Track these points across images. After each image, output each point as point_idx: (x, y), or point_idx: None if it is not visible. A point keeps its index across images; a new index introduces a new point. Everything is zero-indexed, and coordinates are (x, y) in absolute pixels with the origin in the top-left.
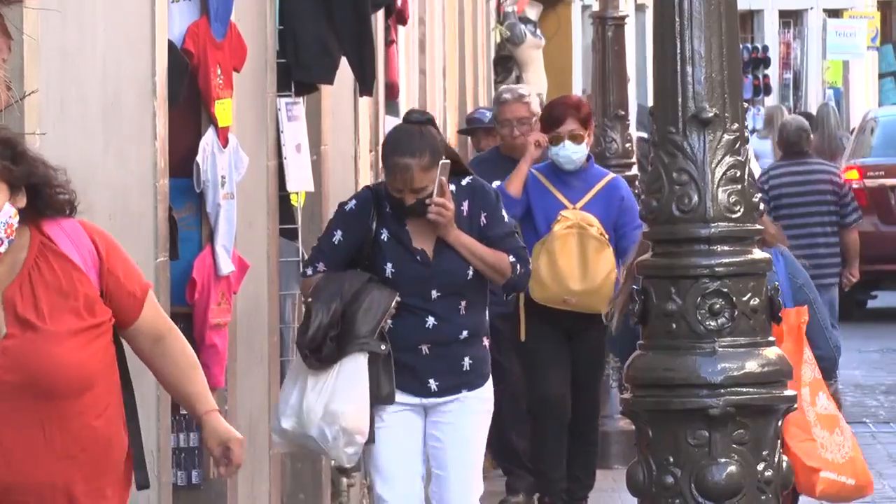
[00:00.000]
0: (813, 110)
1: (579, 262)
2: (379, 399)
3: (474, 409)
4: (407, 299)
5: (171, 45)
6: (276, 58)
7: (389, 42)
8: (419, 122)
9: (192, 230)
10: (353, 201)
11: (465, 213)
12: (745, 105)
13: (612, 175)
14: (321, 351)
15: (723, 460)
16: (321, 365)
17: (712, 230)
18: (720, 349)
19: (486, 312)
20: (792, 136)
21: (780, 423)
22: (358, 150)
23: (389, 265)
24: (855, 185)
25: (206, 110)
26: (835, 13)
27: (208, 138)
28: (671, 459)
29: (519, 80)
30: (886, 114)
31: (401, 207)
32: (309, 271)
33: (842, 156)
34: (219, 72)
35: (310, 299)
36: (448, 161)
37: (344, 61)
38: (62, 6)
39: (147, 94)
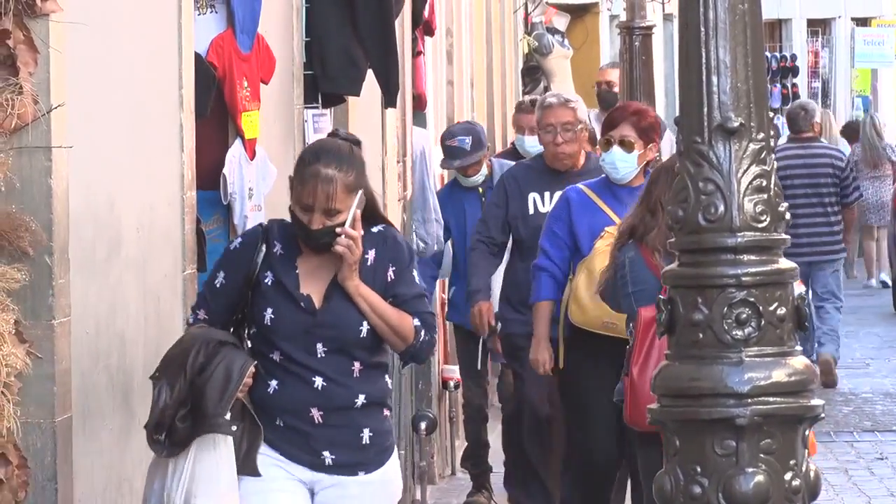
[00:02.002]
0: (841, 119)
1: None
2: (247, 471)
3: (374, 497)
4: (291, 352)
5: (197, 57)
6: (303, 70)
7: (417, 53)
8: (348, 140)
9: (220, 242)
10: (240, 239)
11: (369, 263)
12: (772, 114)
13: None
14: (172, 434)
15: (750, 470)
16: (174, 450)
17: (738, 240)
18: (747, 359)
19: (388, 379)
20: (791, 114)
21: (807, 432)
22: (385, 162)
23: (269, 311)
24: None
25: (232, 122)
26: (863, 22)
27: (235, 150)
28: (698, 469)
29: (546, 90)
30: None
31: (304, 232)
32: (190, 319)
33: (884, 164)
34: (245, 84)
35: (156, 373)
36: (365, 198)
37: (370, 73)
38: (89, 20)
39: (174, 107)
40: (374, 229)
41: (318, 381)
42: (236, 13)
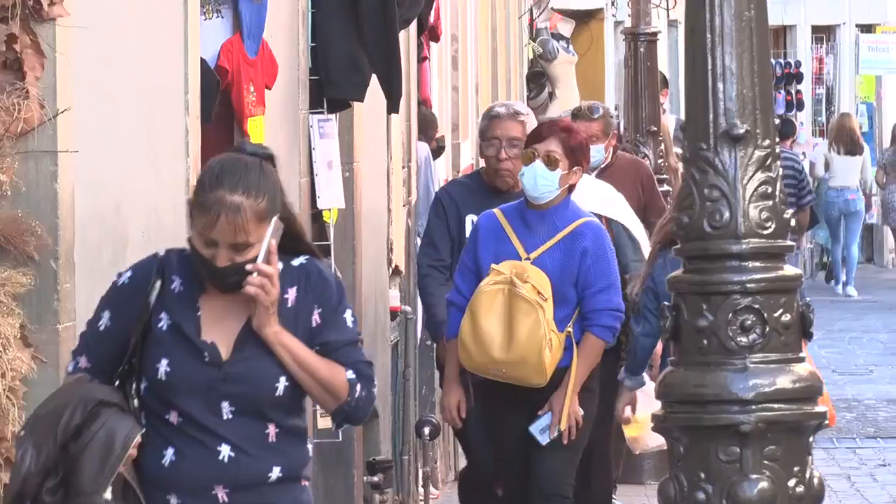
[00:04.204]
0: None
1: (504, 325)
2: None
3: None
4: (192, 413)
5: (202, 62)
6: (308, 75)
7: (422, 59)
8: (258, 155)
9: None
10: (129, 272)
11: (289, 305)
12: (777, 121)
13: (584, 219)
14: None
15: (754, 476)
16: None
17: (744, 246)
18: (751, 365)
19: (309, 446)
20: None
21: (811, 439)
22: (390, 167)
23: (165, 362)
24: None
25: (238, 127)
26: (867, 28)
27: None
28: (703, 475)
29: (552, 96)
30: None
31: (208, 270)
32: (70, 367)
33: None
34: (251, 89)
35: (21, 431)
36: (282, 224)
37: (374, 78)
38: (95, 24)
39: (180, 111)
40: (295, 262)
41: (225, 451)
42: (244, 18)
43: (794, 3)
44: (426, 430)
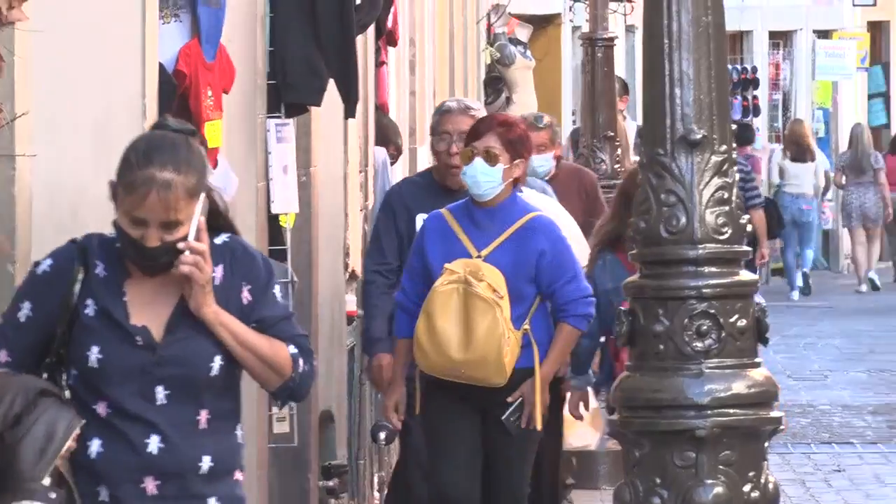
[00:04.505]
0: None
1: (461, 325)
2: None
3: None
4: (123, 401)
5: (160, 66)
6: (265, 79)
7: (380, 63)
8: (183, 132)
9: None
10: (49, 260)
11: (217, 283)
12: (733, 126)
13: (534, 213)
14: None
15: (709, 481)
16: None
17: (700, 252)
18: (707, 370)
19: (239, 432)
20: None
21: (766, 444)
22: (347, 172)
23: (96, 349)
24: None
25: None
26: (824, 34)
27: None
28: (658, 480)
29: (509, 101)
30: None
31: (136, 251)
32: None
33: (870, 171)
34: (209, 93)
35: None
36: (208, 202)
37: (332, 83)
38: (53, 28)
39: (138, 116)
40: (218, 240)
41: (154, 441)
42: (201, 23)
43: (751, 9)
44: (382, 435)
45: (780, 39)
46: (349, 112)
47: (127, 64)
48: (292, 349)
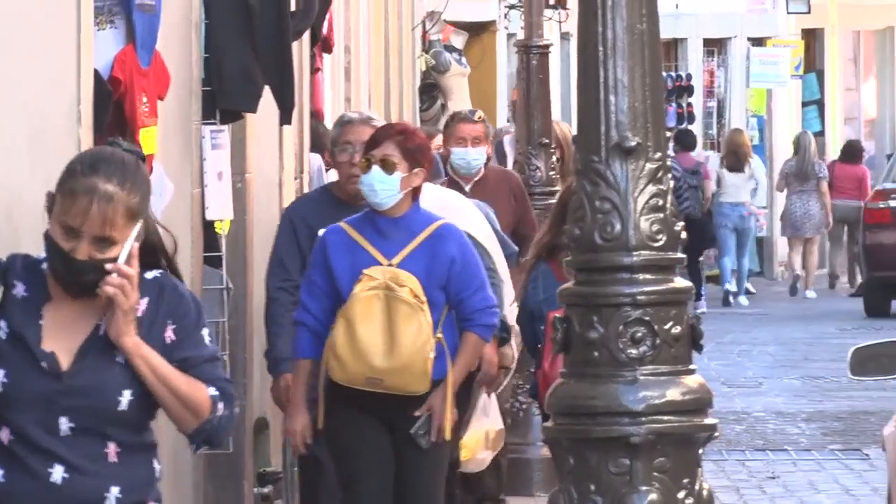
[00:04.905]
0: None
1: (384, 331)
2: None
3: None
4: (27, 430)
5: (95, 72)
6: (200, 85)
7: (315, 70)
8: (134, 153)
9: None
10: None
11: (139, 315)
12: (668, 134)
13: (440, 222)
14: None
15: (644, 488)
16: None
17: (634, 259)
18: (642, 377)
19: (157, 466)
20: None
21: (700, 451)
22: (282, 178)
23: (2, 373)
24: (880, 205)
25: (131, 138)
26: (758, 42)
27: None
28: (592, 488)
29: (444, 108)
30: None
31: (62, 264)
32: None
33: (814, 179)
34: (144, 100)
35: None
36: (143, 231)
37: (267, 89)
38: None
39: (72, 122)
40: (149, 275)
41: (58, 472)
42: (137, 29)
43: (686, 17)
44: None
45: (715, 47)
46: (285, 119)
47: (62, 70)
48: (212, 391)
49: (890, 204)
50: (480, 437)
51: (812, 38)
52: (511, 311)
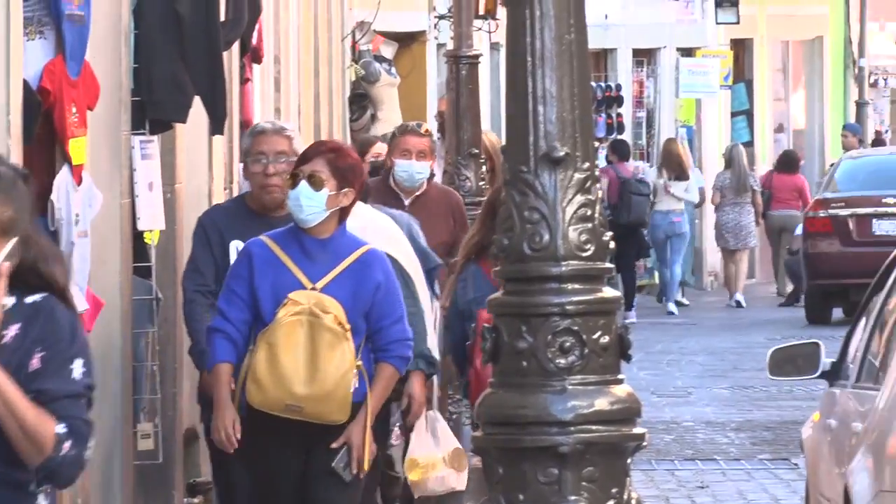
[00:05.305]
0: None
1: (307, 358)
2: None
3: None
4: None
5: (24, 83)
6: (130, 96)
7: (244, 80)
8: (16, 170)
9: None
10: None
11: (6, 341)
12: (596, 144)
13: (367, 247)
14: None
15: (572, 498)
16: None
17: (563, 268)
18: (570, 387)
19: (44, 500)
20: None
21: (629, 460)
22: (212, 188)
23: None
24: (821, 214)
25: (60, 148)
26: (688, 52)
27: (63, 176)
28: (521, 497)
29: (374, 118)
30: (847, 157)
31: None
32: None
33: (748, 191)
34: (73, 110)
35: None
36: (18, 253)
37: (197, 99)
38: None
39: (1, 132)
40: (30, 299)
41: None
42: (66, 39)
43: (615, 27)
44: None
45: (644, 57)
46: (216, 129)
47: None
48: (61, 429)
49: (830, 213)
50: (437, 460)
51: (741, 49)
52: (435, 344)
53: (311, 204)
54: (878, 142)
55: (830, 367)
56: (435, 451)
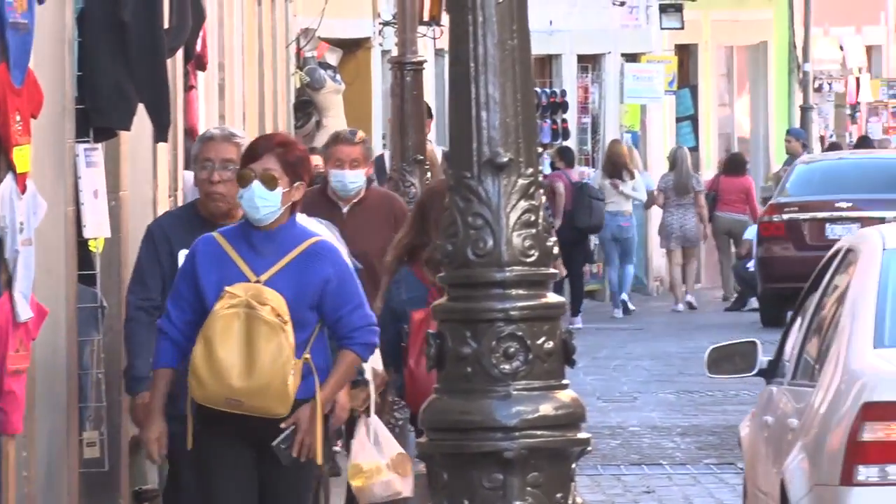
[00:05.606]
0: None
1: (243, 351)
2: None
3: None
4: None
5: None
6: (74, 104)
7: (189, 87)
8: None
9: None
10: None
11: None
12: (540, 150)
13: (315, 239)
14: None
15: (518, 503)
16: None
17: (507, 274)
18: (515, 392)
19: None
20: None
21: (574, 465)
22: (157, 196)
23: None
24: (774, 219)
25: (4, 156)
26: (632, 58)
27: (7, 185)
28: (466, 503)
29: (319, 125)
30: (800, 162)
31: None
32: None
33: (692, 193)
34: (17, 118)
35: None
36: None
37: (142, 107)
38: None
39: None
40: None
41: None
42: (9, 47)
43: (560, 33)
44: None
45: (589, 63)
46: (160, 136)
47: None
48: None
49: (784, 218)
50: (380, 466)
51: (686, 54)
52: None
53: (266, 204)
54: (833, 146)
55: (767, 366)
56: (378, 457)
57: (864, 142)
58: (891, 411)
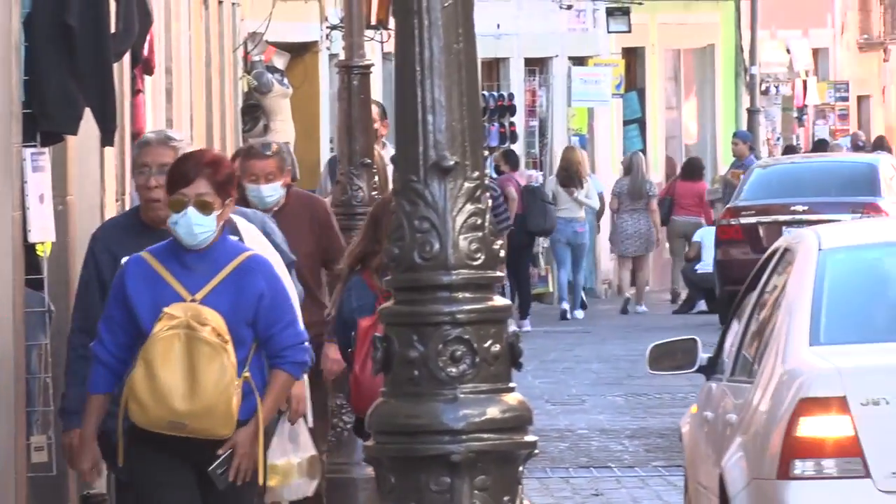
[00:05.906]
0: (558, 157)
1: (185, 373)
2: None
3: None
4: None
5: None
6: (21, 108)
7: (136, 92)
8: None
9: None
10: None
11: None
12: (486, 153)
13: (248, 254)
14: None
15: None
16: None
17: (454, 277)
18: (462, 396)
19: None
20: None
21: (521, 468)
22: (104, 200)
23: None
24: (732, 222)
25: None
26: (580, 61)
27: None
28: None
29: (266, 128)
30: (757, 166)
31: None
32: None
33: (643, 198)
34: None
35: None
36: None
37: (88, 111)
38: None
39: None
40: None
41: None
42: None
43: (507, 37)
44: None
45: (537, 66)
46: (107, 140)
47: None
48: None
49: (741, 221)
50: (293, 466)
51: (633, 57)
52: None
53: (203, 230)
54: (790, 149)
55: (707, 362)
56: (292, 458)
57: (820, 145)
58: (826, 407)
